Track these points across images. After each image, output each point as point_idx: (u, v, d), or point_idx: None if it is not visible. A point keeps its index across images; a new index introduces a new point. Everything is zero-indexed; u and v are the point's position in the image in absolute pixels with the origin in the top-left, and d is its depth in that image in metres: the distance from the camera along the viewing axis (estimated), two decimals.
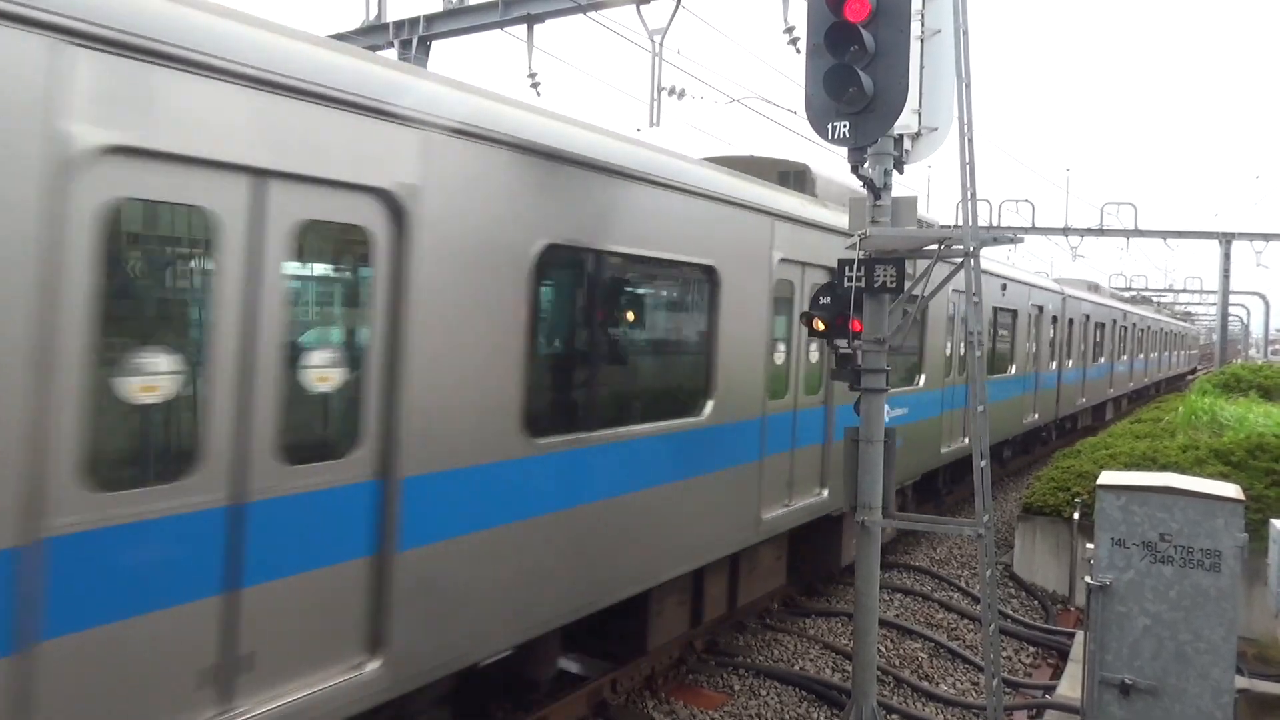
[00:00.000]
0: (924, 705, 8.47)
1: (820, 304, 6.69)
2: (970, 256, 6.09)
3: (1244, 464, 11.61)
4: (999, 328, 16.09)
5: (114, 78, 3.56)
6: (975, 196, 6.07)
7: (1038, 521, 12.35)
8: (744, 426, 7.88)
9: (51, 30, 3.36)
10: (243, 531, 4.12)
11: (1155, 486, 5.75)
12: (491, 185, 5.25)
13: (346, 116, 4.39)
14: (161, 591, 3.81)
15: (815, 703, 8.26)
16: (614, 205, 6.29)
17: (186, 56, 3.75)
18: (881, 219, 6.42)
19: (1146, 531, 5.69)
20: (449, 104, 4.97)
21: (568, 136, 5.87)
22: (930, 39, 6.39)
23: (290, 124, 4.16)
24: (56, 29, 3.38)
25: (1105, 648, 5.77)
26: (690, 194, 7.01)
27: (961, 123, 6.08)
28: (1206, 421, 16.05)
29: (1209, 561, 5.57)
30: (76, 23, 3.42)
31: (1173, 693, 5.63)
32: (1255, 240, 36.59)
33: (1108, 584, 5.75)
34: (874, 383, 6.53)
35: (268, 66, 4.04)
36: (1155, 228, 36.02)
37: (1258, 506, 9.97)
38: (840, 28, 5.63)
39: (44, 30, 3.35)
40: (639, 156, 6.54)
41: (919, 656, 9.41)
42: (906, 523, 7.05)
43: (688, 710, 7.77)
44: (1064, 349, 21.24)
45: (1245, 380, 23.44)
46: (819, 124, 5.81)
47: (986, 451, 6.17)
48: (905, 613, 10.64)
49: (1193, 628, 5.60)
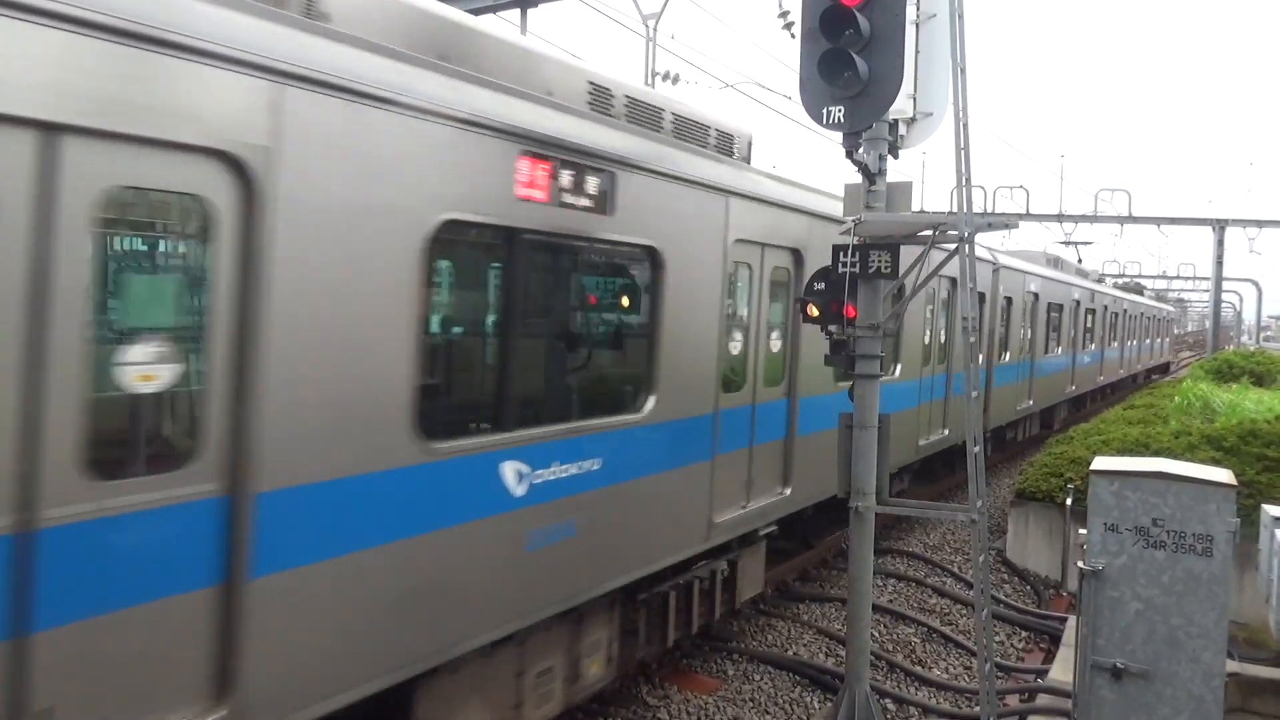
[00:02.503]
0: (917, 689, 8.51)
1: (815, 289, 6.68)
2: (965, 242, 6.08)
3: (1236, 449, 11.67)
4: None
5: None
6: (970, 182, 6.05)
7: (1031, 507, 12.40)
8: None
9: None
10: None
11: (1148, 472, 5.76)
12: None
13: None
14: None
15: (809, 687, 8.30)
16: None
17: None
18: (876, 204, 6.40)
19: (1139, 517, 5.70)
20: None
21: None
22: (925, 23, 6.37)
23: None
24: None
25: (1097, 632, 5.79)
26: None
27: (956, 108, 6.05)
28: (1199, 408, 16.11)
29: (1201, 546, 5.58)
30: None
31: (1164, 677, 5.66)
32: (1249, 227, 36.63)
33: (1100, 569, 5.76)
34: (868, 369, 6.54)
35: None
36: (1149, 214, 36.06)
37: (1249, 492, 10.02)
38: (835, 12, 5.61)
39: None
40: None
41: (912, 641, 9.45)
42: (900, 508, 7.07)
43: (682, 695, 7.80)
44: (1000, 338, 16.74)
45: (1238, 366, 23.56)
46: (814, 109, 5.80)
47: (980, 437, 6.18)
48: (899, 598, 10.69)
49: (1184, 612, 5.62)
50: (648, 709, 7.50)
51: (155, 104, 3.65)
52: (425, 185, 4.82)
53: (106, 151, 3.54)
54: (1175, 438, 12.67)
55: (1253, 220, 36.47)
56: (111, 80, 3.52)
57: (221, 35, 3.88)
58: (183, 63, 3.75)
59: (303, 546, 4.30)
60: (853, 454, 6.50)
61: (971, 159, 6.07)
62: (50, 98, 3.34)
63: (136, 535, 3.70)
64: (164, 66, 3.68)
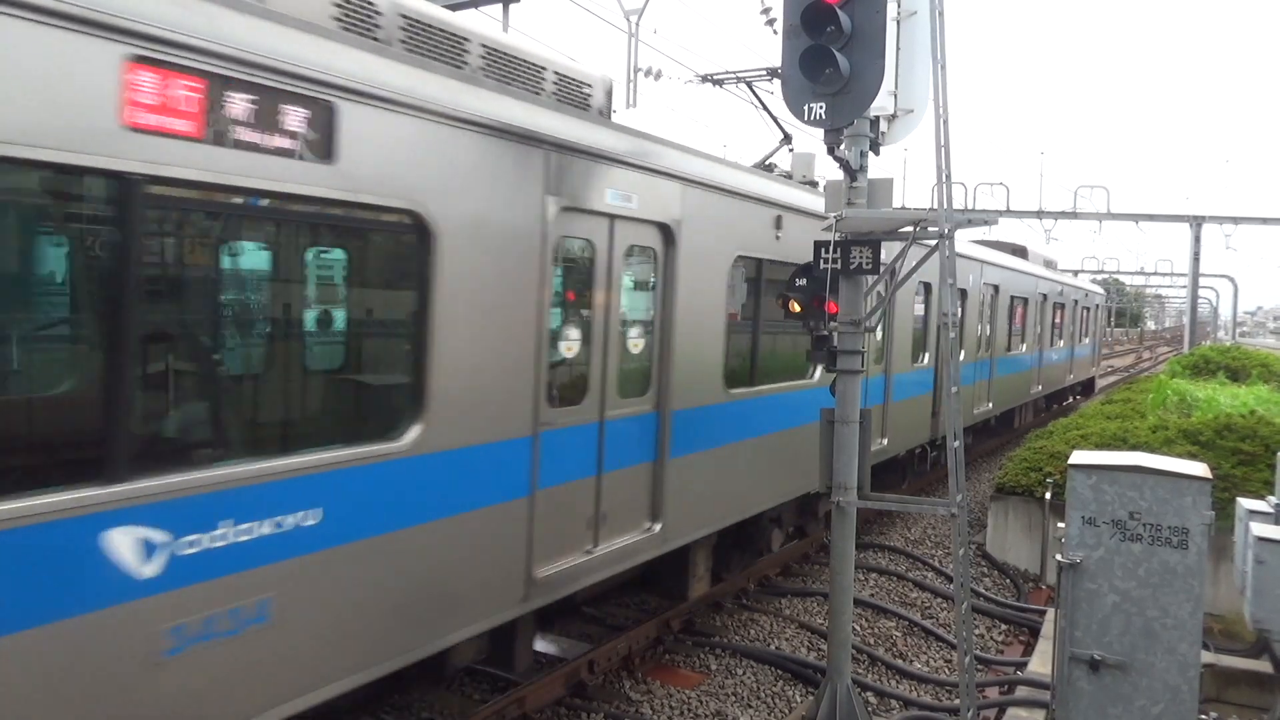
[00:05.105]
0: (898, 683, 8.57)
1: (797, 285, 6.71)
2: (945, 239, 6.12)
3: (1212, 443, 11.82)
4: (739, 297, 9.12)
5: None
6: (950, 179, 6.10)
7: (1010, 501, 12.49)
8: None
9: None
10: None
11: (1125, 466, 5.82)
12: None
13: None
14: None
15: (791, 681, 8.34)
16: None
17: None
18: (858, 200, 6.44)
19: (1116, 510, 5.76)
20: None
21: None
22: (906, 20, 6.41)
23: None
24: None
25: (1075, 624, 5.85)
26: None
27: (937, 105, 6.09)
28: (1176, 403, 16.29)
29: (1177, 539, 5.65)
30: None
31: (1141, 668, 5.73)
32: (1225, 223, 37.06)
33: (1078, 562, 5.83)
34: (850, 364, 6.58)
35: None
36: (1127, 211, 36.39)
37: (1225, 485, 10.15)
38: (817, 8, 5.64)
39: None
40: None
41: (893, 635, 9.52)
42: (881, 503, 7.11)
43: (665, 690, 7.82)
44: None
45: (1214, 362, 23.79)
46: (795, 105, 5.82)
47: (960, 432, 6.23)
48: (880, 592, 10.75)
49: (1161, 604, 5.69)
50: (630, 704, 7.52)
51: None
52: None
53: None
54: (1153, 432, 12.81)
55: (1229, 217, 36.90)
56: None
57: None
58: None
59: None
60: (834, 449, 6.55)
61: (952, 156, 6.12)
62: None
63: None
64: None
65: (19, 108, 3.43)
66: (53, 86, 3.53)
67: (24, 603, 3.52)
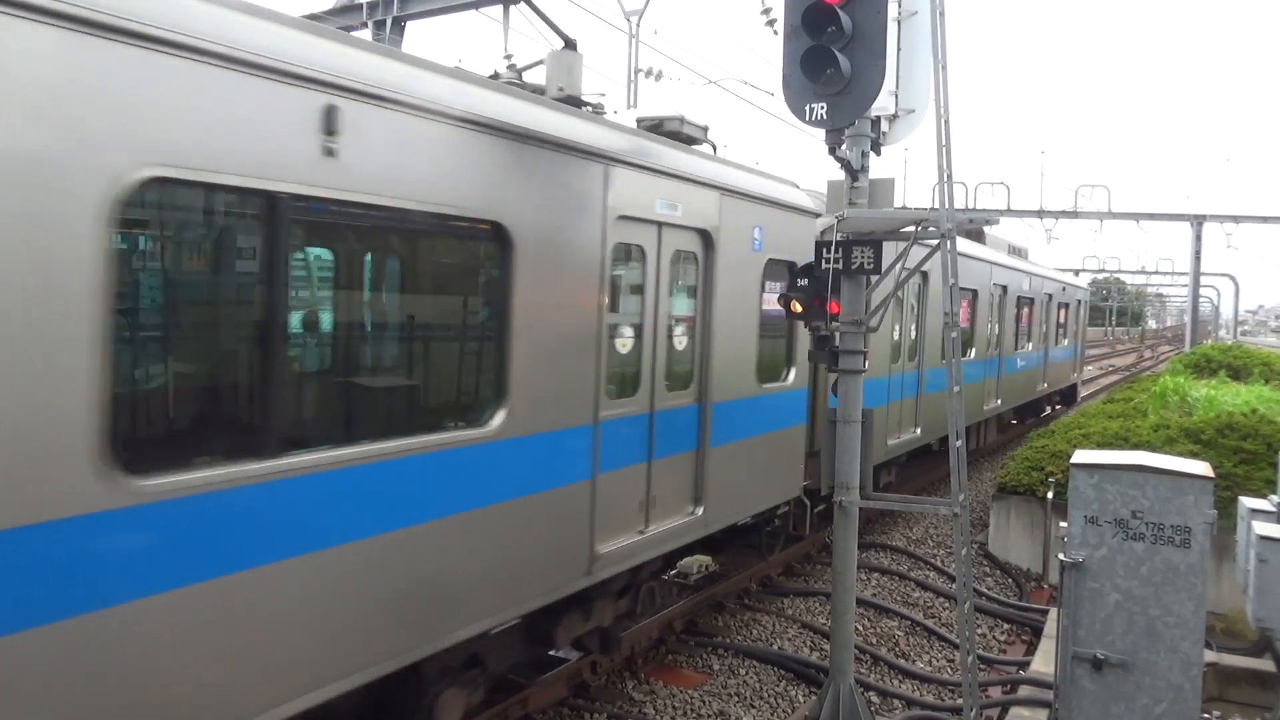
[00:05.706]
0: (900, 682, 8.57)
1: (798, 285, 6.72)
2: (946, 239, 6.13)
3: (1213, 442, 11.81)
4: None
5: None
6: (951, 179, 6.10)
7: (1012, 500, 12.50)
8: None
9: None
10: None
11: (1127, 465, 5.83)
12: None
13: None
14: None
15: (793, 681, 8.34)
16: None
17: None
18: (859, 200, 6.45)
19: (1118, 509, 5.77)
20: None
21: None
22: (907, 21, 6.41)
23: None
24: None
25: (1078, 623, 5.86)
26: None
27: (938, 105, 6.10)
28: (1177, 401, 16.29)
29: (1179, 538, 5.66)
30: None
31: (1143, 667, 5.73)
32: (1226, 222, 36.96)
33: (1080, 561, 5.83)
34: (851, 364, 6.58)
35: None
36: (1128, 210, 36.32)
37: (1226, 484, 10.15)
38: (818, 9, 5.64)
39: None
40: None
41: (896, 635, 9.52)
42: (883, 503, 7.12)
43: (667, 690, 7.83)
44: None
45: (1215, 361, 23.77)
46: (796, 105, 5.82)
47: (962, 432, 6.24)
48: (882, 592, 10.75)
49: (1163, 603, 5.69)
50: (634, 704, 7.53)
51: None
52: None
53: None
54: (1154, 431, 12.81)
55: (1230, 216, 36.81)
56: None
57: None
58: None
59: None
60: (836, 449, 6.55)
61: (953, 155, 6.13)
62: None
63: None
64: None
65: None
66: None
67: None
